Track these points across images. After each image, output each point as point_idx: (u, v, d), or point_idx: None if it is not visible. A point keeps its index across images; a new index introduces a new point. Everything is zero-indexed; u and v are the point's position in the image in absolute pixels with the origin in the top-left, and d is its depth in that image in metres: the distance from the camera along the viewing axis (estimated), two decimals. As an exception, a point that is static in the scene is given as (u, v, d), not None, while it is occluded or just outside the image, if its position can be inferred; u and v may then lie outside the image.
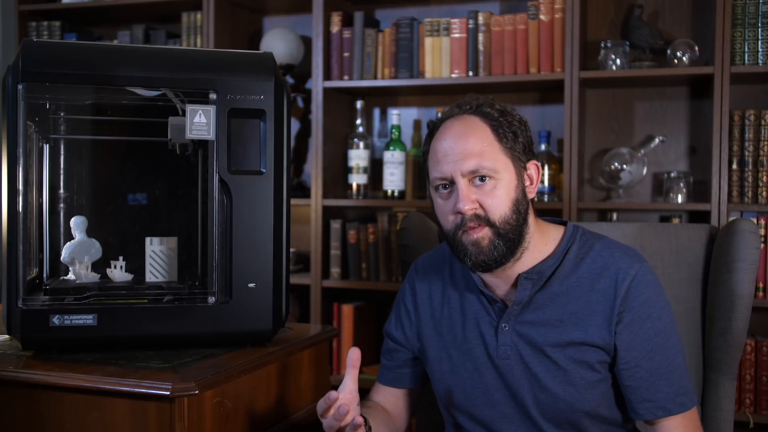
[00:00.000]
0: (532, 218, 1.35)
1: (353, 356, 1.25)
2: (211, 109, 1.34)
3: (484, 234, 1.29)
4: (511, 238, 1.30)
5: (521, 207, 1.31)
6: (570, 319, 1.32)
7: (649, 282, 1.33)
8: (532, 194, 1.35)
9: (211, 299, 1.36)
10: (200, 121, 1.33)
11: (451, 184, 1.31)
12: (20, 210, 1.31)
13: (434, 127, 1.37)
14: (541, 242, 1.36)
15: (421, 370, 1.51)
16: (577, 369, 1.32)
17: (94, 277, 1.49)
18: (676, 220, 2.58)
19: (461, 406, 1.40)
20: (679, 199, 2.51)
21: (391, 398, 1.52)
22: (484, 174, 1.28)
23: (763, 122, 2.40)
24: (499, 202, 1.29)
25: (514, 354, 1.34)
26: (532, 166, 1.35)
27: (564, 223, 1.42)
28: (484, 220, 1.29)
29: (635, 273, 1.32)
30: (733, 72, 2.35)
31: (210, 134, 1.34)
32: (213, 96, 1.35)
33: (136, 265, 1.52)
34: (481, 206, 1.29)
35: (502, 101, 2.41)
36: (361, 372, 2.93)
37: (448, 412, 1.45)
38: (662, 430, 1.32)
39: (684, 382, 1.33)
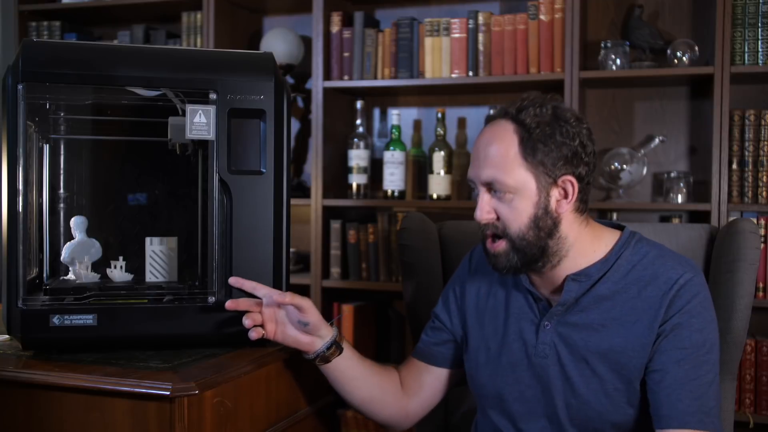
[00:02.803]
0: (575, 226, 1.31)
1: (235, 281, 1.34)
2: (211, 109, 1.34)
3: (500, 247, 1.29)
4: (528, 253, 1.28)
5: (543, 223, 1.27)
6: (613, 325, 1.29)
7: (698, 293, 1.28)
8: (564, 209, 1.29)
9: (211, 299, 1.36)
10: (200, 121, 1.33)
11: (477, 186, 1.32)
12: (20, 210, 1.31)
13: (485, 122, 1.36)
14: (592, 247, 1.33)
15: (456, 356, 1.50)
16: (613, 379, 1.29)
17: (94, 277, 1.49)
18: (676, 220, 2.58)
19: (491, 398, 1.40)
20: (679, 199, 2.51)
21: (414, 371, 1.50)
22: (496, 188, 1.28)
23: (763, 122, 2.40)
24: (516, 215, 1.27)
25: (552, 354, 1.33)
26: (567, 182, 1.28)
27: (622, 228, 1.39)
28: (501, 231, 1.29)
29: (684, 282, 1.27)
30: (733, 72, 2.36)
31: (210, 134, 1.34)
32: (213, 96, 1.35)
33: (136, 265, 1.52)
34: (499, 217, 1.29)
35: (502, 101, 2.38)
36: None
37: (479, 401, 1.46)
38: None
39: (711, 403, 1.24)
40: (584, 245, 1.33)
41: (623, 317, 1.29)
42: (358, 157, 2.79)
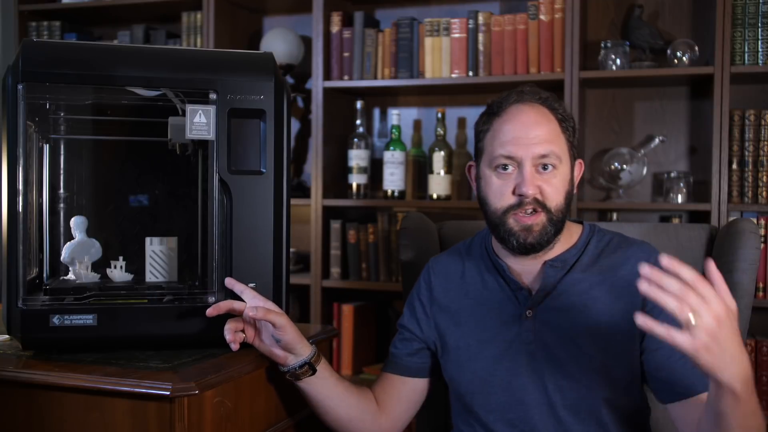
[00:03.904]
0: None
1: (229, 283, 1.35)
2: (211, 109, 1.34)
3: (539, 220, 1.34)
4: (558, 228, 1.37)
5: (569, 199, 1.38)
6: (595, 304, 1.35)
7: None
8: (575, 189, 1.42)
9: (211, 299, 1.36)
10: (200, 121, 1.33)
11: (517, 165, 1.35)
12: (20, 210, 1.31)
13: (499, 108, 1.41)
14: (566, 235, 1.41)
15: (432, 364, 1.51)
16: (601, 356, 1.33)
17: (94, 277, 1.49)
18: (676, 220, 2.58)
19: (477, 396, 1.41)
20: (679, 199, 2.52)
21: (388, 387, 1.51)
22: (551, 162, 1.35)
23: (763, 122, 2.40)
24: (556, 190, 1.35)
25: (538, 339, 1.36)
26: (578, 164, 1.43)
27: (581, 223, 1.48)
28: (541, 205, 1.34)
29: (654, 261, 1.32)
30: (733, 72, 2.36)
31: (210, 134, 1.34)
32: (213, 96, 1.35)
33: (136, 265, 1.52)
34: (541, 192, 1.34)
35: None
36: (361, 372, 2.93)
37: (461, 404, 1.45)
38: (685, 409, 1.28)
39: None
40: (562, 236, 1.40)
41: (603, 297, 1.35)
42: (358, 157, 2.79)
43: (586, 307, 1.35)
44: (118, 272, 1.49)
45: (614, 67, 2.53)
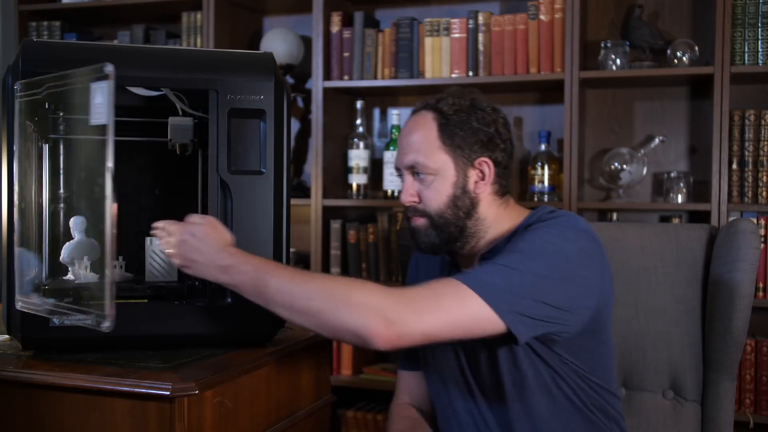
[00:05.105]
0: (493, 208, 1.40)
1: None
2: (106, 85, 1.13)
3: (420, 224, 1.39)
4: (446, 231, 1.38)
5: (461, 202, 1.37)
6: None
7: (550, 225, 1.31)
8: (482, 189, 1.38)
9: (211, 299, 1.36)
10: (98, 103, 1.17)
11: (402, 173, 1.42)
12: (20, 210, 1.31)
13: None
14: (507, 226, 1.40)
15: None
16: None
17: (93, 277, 1.49)
18: (676, 220, 2.58)
19: (434, 377, 1.49)
20: (679, 199, 2.51)
21: (414, 382, 1.57)
22: (421, 170, 1.37)
23: (763, 122, 2.40)
24: (436, 195, 1.37)
25: None
26: (483, 163, 1.38)
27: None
28: (421, 211, 1.39)
29: (542, 221, 1.34)
30: (733, 72, 2.36)
31: (106, 119, 1.15)
32: (213, 96, 1.35)
33: (136, 265, 1.52)
34: (420, 198, 1.38)
35: (502, 101, 2.40)
36: (361, 372, 2.93)
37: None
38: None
39: (502, 277, 1.22)
40: (502, 227, 1.40)
41: None
42: (358, 157, 2.79)
43: None
44: (118, 272, 1.49)
45: (614, 67, 2.53)
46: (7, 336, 1.36)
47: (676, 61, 2.50)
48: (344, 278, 1.26)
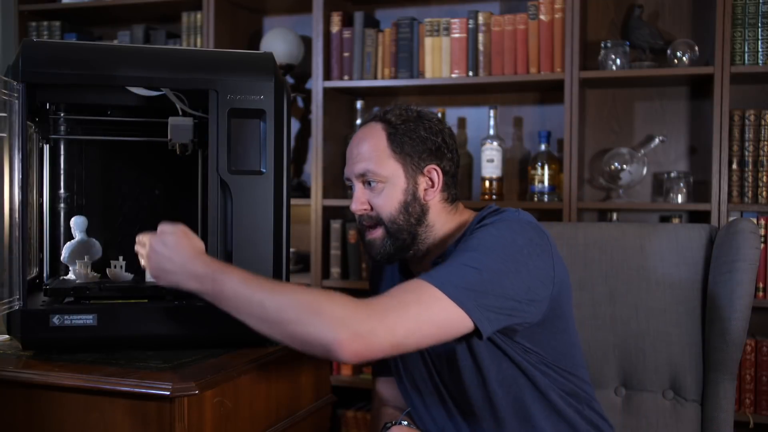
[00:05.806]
0: (443, 215, 1.42)
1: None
2: None
3: (376, 236, 1.41)
4: (399, 238, 1.40)
5: (412, 209, 1.39)
6: None
7: (498, 221, 1.33)
8: (432, 197, 1.41)
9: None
10: None
11: (353, 184, 1.43)
12: (20, 210, 1.31)
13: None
14: (457, 231, 1.42)
15: None
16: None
17: (94, 277, 1.49)
18: (676, 220, 2.58)
19: (407, 384, 1.49)
20: (679, 199, 2.51)
21: (391, 386, 1.57)
22: (371, 179, 1.39)
23: (763, 122, 2.40)
24: (387, 202, 1.39)
25: None
26: (432, 171, 1.41)
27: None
28: (375, 219, 1.40)
29: (489, 219, 1.35)
30: (733, 72, 2.35)
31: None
32: (213, 96, 1.35)
33: (136, 265, 1.52)
34: (372, 207, 1.40)
35: (502, 101, 2.40)
36: (360, 372, 2.92)
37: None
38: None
39: (460, 274, 1.23)
40: (453, 232, 1.42)
41: None
42: (358, 157, 2.79)
43: None
44: (118, 272, 1.49)
45: (614, 67, 2.52)
46: (7, 336, 1.36)
47: (676, 61, 2.50)
48: (316, 290, 1.27)
